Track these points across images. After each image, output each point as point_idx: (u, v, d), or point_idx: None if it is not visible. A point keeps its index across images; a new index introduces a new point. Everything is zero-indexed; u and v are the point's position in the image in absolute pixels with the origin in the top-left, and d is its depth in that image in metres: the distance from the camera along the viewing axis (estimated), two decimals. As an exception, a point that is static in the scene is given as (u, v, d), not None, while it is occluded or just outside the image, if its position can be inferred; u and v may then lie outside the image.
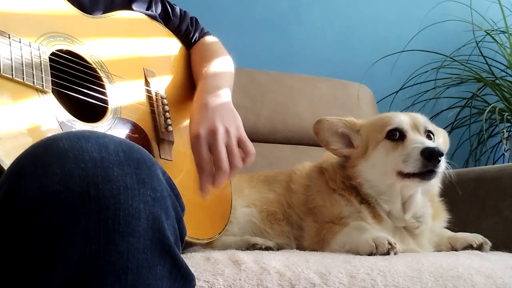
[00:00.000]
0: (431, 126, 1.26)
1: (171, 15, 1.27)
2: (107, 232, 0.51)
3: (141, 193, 0.53)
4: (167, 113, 1.09)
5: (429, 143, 1.14)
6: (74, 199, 0.50)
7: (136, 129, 1.01)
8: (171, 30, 1.26)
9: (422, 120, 1.24)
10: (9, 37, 0.82)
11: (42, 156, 0.53)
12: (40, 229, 0.50)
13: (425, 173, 1.12)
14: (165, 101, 1.12)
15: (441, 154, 1.11)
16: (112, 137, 0.57)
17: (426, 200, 1.26)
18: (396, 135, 1.19)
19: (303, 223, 1.26)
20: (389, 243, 1.01)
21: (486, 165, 2.18)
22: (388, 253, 1.01)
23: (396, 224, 1.21)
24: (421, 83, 2.25)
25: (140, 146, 0.58)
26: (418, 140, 1.16)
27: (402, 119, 1.21)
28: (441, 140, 1.34)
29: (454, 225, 1.30)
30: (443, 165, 1.14)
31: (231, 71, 1.25)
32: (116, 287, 0.51)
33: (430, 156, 1.10)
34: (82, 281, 0.50)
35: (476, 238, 1.20)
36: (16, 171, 0.54)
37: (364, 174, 1.21)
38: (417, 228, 1.21)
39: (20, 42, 0.83)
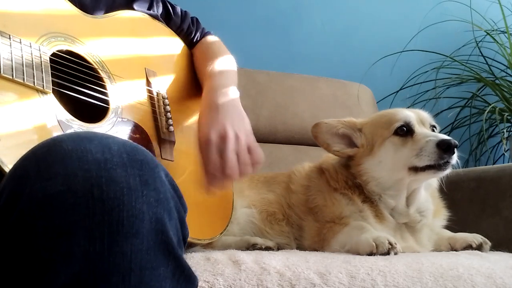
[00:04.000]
0: (434, 121, 1.26)
1: (172, 14, 1.27)
2: (110, 233, 0.51)
3: (144, 195, 0.53)
4: (169, 113, 1.09)
5: (443, 136, 1.15)
6: (77, 200, 0.50)
7: (137, 129, 1.01)
8: (173, 30, 1.26)
9: (427, 115, 1.26)
10: (10, 38, 0.81)
11: (45, 157, 0.53)
12: (44, 230, 0.50)
13: (441, 164, 1.12)
14: (167, 101, 1.12)
15: (457, 146, 1.12)
16: (116, 138, 0.57)
17: (428, 195, 1.27)
18: (404, 131, 1.19)
19: (303, 222, 1.27)
20: (390, 243, 1.02)
21: (486, 165, 2.18)
22: (388, 253, 1.01)
23: (399, 220, 1.21)
24: (421, 83, 2.25)
25: (143, 148, 0.59)
26: (429, 134, 1.17)
27: (409, 114, 1.22)
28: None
29: (454, 225, 1.31)
30: (455, 156, 1.14)
31: (235, 69, 1.25)
32: None
33: (447, 148, 1.11)
34: (86, 282, 0.50)
35: (475, 238, 1.21)
36: (19, 172, 0.55)
37: (370, 171, 1.21)
38: (419, 222, 1.22)
39: (20, 42, 0.83)
